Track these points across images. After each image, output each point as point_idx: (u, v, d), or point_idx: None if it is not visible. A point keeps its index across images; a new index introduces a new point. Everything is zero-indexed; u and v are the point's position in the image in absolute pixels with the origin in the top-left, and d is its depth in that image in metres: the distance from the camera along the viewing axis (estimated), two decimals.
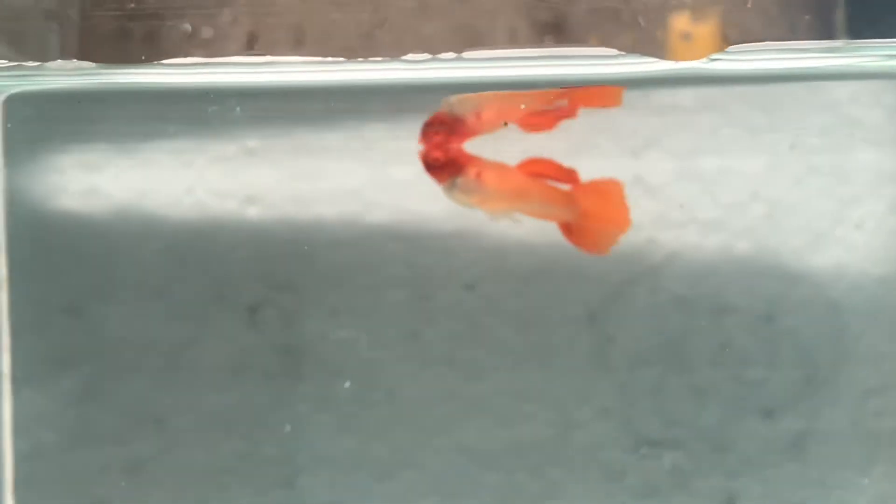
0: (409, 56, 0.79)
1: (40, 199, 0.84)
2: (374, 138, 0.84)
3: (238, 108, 0.82)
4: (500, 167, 0.79)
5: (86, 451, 0.84)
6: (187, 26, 0.85)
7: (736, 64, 0.79)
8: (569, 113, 0.79)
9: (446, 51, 0.80)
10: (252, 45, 0.84)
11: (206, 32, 0.84)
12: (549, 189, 0.80)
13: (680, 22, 0.81)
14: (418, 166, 0.85)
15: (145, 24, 0.84)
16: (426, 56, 0.75)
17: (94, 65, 0.78)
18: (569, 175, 0.80)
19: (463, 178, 0.77)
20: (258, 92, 0.84)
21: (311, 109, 0.84)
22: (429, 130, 0.76)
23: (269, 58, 0.80)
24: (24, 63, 0.78)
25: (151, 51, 0.84)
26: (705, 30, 0.80)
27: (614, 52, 0.76)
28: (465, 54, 0.76)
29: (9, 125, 0.83)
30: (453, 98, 0.77)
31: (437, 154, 0.76)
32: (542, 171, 0.80)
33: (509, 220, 0.79)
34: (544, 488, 0.86)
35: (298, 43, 0.83)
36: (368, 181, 0.84)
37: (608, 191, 0.80)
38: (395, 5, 0.82)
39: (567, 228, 0.80)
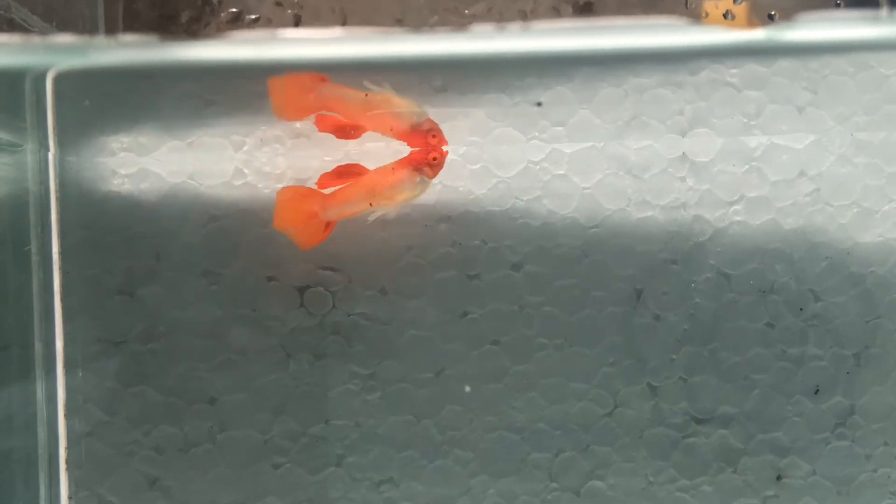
0: (458, 31, 0.79)
1: (91, 181, 0.84)
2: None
3: None
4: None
5: (139, 431, 0.85)
6: (232, 8, 0.85)
7: (780, 35, 0.79)
8: None
9: (488, 28, 0.80)
10: (297, 25, 0.85)
11: (251, 14, 0.85)
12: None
13: (722, 2, 0.81)
14: (465, 146, 0.85)
15: (191, 6, 0.85)
16: (481, 30, 0.75)
17: (143, 40, 0.78)
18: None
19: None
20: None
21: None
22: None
23: (316, 31, 0.80)
24: (72, 39, 0.78)
25: (196, 33, 0.84)
26: (747, 8, 0.80)
27: (666, 21, 0.75)
28: (515, 28, 0.76)
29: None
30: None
31: None
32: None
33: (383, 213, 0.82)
34: (592, 466, 0.86)
35: (342, 22, 0.84)
36: None
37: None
38: None
39: None
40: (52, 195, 0.84)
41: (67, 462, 0.85)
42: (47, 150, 0.84)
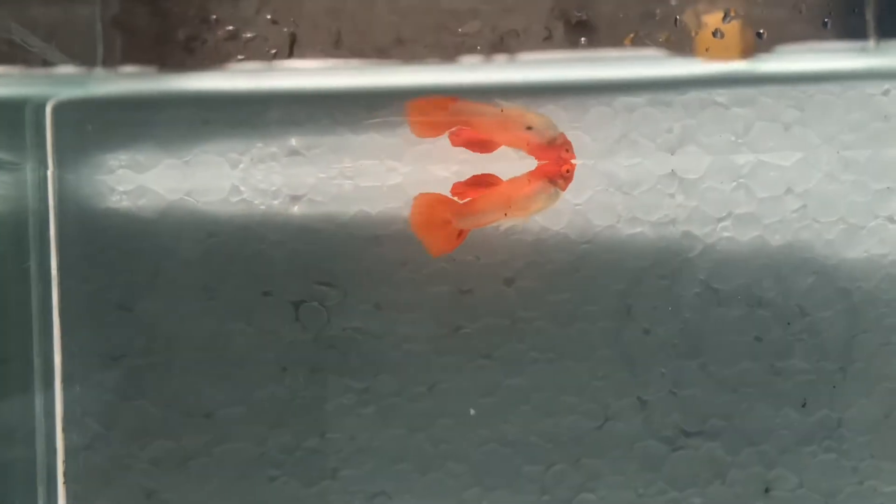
0: (449, 58, 0.80)
1: (90, 198, 0.85)
2: (415, 136, 0.86)
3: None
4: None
5: (135, 445, 0.86)
6: (229, 27, 0.86)
7: (769, 65, 0.80)
8: None
9: (481, 51, 0.81)
10: (292, 47, 0.86)
11: (248, 33, 0.86)
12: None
13: (712, 20, 0.82)
14: (458, 164, 0.86)
15: (189, 26, 0.85)
16: (472, 59, 0.77)
17: (140, 71, 0.80)
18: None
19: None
20: (301, 93, 0.85)
21: (352, 109, 0.86)
22: None
23: (311, 62, 0.81)
24: (72, 70, 0.79)
25: (194, 51, 0.85)
26: (736, 28, 0.81)
27: (654, 52, 0.77)
28: (505, 57, 0.78)
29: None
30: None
31: None
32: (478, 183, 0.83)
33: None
34: (583, 479, 0.87)
35: (337, 44, 0.84)
36: (409, 178, 0.86)
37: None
38: (430, 6, 0.83)
39: None
40: (52, 212, 0.85)
41: (65, 475, 0.86)
42: (46, 168, 0.85)
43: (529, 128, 0.81)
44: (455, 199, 0.83)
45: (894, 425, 0.88)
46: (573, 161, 0.82)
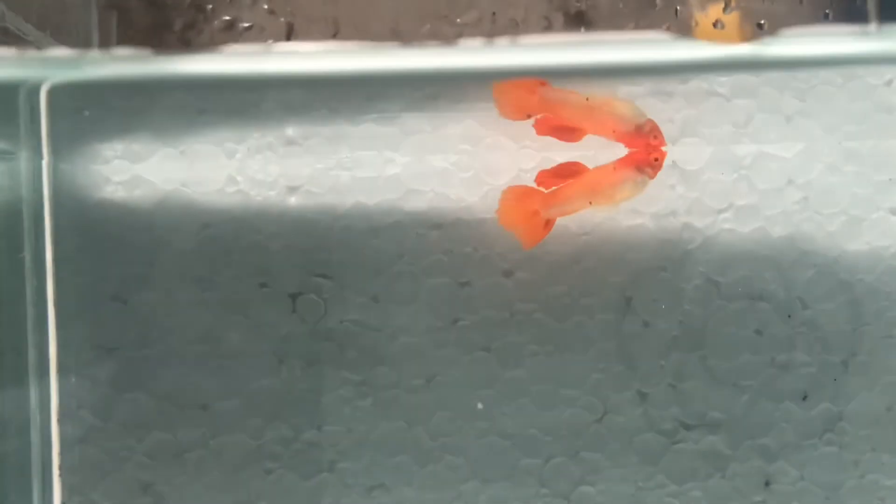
0: (449, 43, 0.79)
1: (85, 188, 0.85)
2: (413, 126, 0.85)
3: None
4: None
5: (131, 437, 0.85)
6: (225, 17, 0.86)
7: (770, 49, 0.80)
8: None
9: (479, 41, 0.80)
10: (290, 33, 0.85)
11: (244, 22, 0.85)
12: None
13: (712, 10, 0.81)
14: (457, 154, 0.86)
15: (184, 14, 0.85)
16: (471, 43, 0.76)
17: (136, 54, 0.79)
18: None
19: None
20: (298, 81, 0.84)
21: (350, 98, 0.85)
22: None
23: (308, 45, 0.80)
24: (66, 52, 0.79)
25: (190, 41, 0.84)
26: (737, 18, 0.81)
27: (661, 36, 0.76)
28: (507, 41, 0.77)
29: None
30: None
31: None
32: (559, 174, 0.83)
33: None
34: (582, 472, 0.87)
35: (334, 35, 0.84)
36: (407, 169, 0.85)
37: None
38: None
39: None
40: (46, 202, 0.85)
41: (60, 468, 0.85)
42: (41, 157, 0.84)
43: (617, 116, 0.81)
44: (541, 189, 0.82)
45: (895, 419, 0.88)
46: (663, 148, 0.81)
